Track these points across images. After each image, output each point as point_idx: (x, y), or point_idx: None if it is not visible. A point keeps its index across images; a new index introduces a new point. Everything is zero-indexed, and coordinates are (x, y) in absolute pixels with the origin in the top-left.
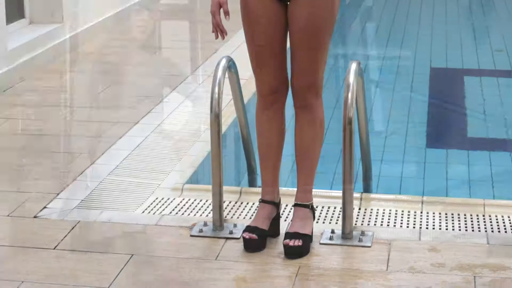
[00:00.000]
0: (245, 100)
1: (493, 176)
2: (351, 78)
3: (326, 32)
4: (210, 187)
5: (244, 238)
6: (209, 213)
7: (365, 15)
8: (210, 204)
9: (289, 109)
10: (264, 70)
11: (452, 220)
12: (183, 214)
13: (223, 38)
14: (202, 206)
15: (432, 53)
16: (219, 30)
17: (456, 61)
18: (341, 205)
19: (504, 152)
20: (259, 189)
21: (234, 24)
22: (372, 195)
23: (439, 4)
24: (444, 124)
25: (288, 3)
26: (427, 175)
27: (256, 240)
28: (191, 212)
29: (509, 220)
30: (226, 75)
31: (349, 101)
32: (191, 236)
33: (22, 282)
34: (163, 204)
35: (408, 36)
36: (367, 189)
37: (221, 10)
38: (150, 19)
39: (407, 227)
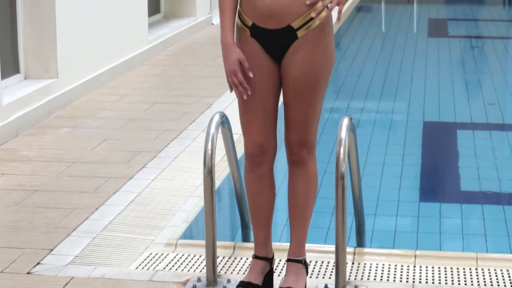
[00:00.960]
0: (238, 155)
1: (486, 230)
2: (343, 133)
3: (320, 89)
4: (204, 242)
5: None
6: (203, 268)
7: (359, 68)
8: (204, 259)
9: (283, 163)
10: (253, 129)
11: (445, 274)
12: (177, 269)
13: (247, 95)
14: (196, 262)
15: (425, 107)
16: (243, 88)
17: (449, 115)
18: (334, 260)
19: (497, 206)
20: (253, 244)
21: None
22: (366, 250)
23: (432, 58)
24: (437, 178)
25: (282, 60)
26: (420, 229)
27: None
28: (185, 267)
29: (502, 273)
30: (220, 131)
31: (341, 156)
32: None
33: None
34: (157, 260)
35: (401, 89)
36: (360, 243)
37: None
38: (144, 74)
39: (401, 281)
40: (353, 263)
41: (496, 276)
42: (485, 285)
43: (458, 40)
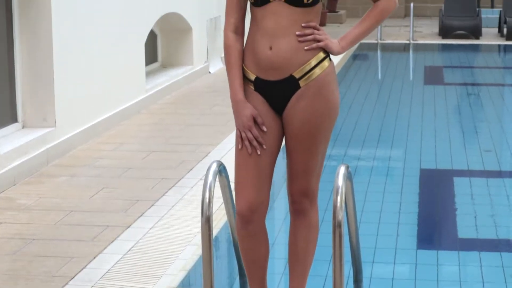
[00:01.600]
0: None
1: (484, 277)
2: (340, 181)
3: (322, 139)
4: None
5: None
6: None
7: (355, 116)
8: None
9: (282, 212)
10: (246, 185)
11: None
12: None
13: (265, 154)
14: None
15: (421, 154)
16: (258, 143)
17: (445, 162)
18: None
19: (495, 253)
20: None
21: (225, 127)
22: None
23: (428, 105)
24: (435, 225)
25: (283, 113)
26: (418, 277)
27: None
28: None
29: None
30: (217, 179)
31: (338, 204)
32: None
33: None
34: None
35: (397, 136)
36: None
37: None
38: (141, 123)
39: None
40: None
41: None
42: None
43: (454, 87)
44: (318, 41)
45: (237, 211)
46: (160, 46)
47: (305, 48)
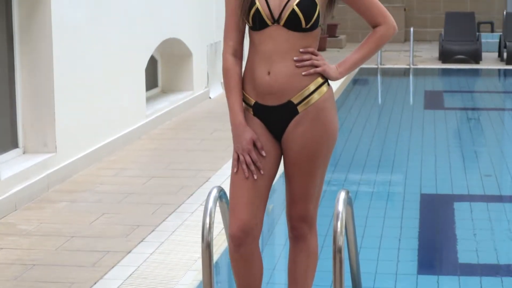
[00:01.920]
0: None
1: None
2: (340, 207)
3: (320, 164)
4: None
5: None
6: None
7: (356, 141)
8: None
9: (281, 237)
10: (241, 206)
11: None
12: None
13: (260, 176)
14: None
15: (422, 179)
16: (256, 168)
17: (445, 187)
18: None
19: (496, 278)
20: None
21: (226, 152)
22: None
23: (428, 130)
24: (435, 250)
25: (282, 138)
26: None
27: None
28: None
29: None
30: (217, 205)
31: (338, 230)
32: None
33: None
34: None
35: (398, 161)
36: None
37: None
38: (142, 148)
39: None
40: None
41: None
42: None
43: (454, 112)
44: (316, 66)
45: (229, 233)
46: (161, 72)
47: (303, 73)
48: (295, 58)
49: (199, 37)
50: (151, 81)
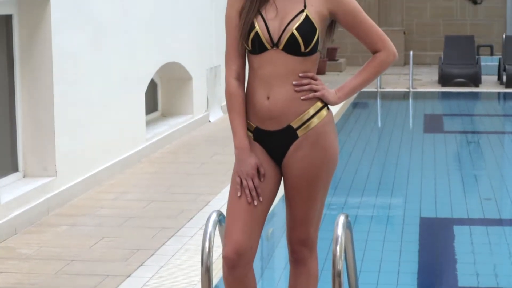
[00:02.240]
0: None
1: None
2: (339, 231)
3: (320, 188)
4: None
5: None
6: None
7: (355, 164)
8: None
9: (282, 261)
10: (237, 227)
11: None
12: None
13: (259, 201)
14: None
15: (421, 202)
16: (255, 194)
17: (445, 210)
18: None
19: None
20: None
21: (225, 176)
22: None
23: (428, 153)
24: (435, 274)
25: (282, 162)
26: None
27: None
28: None
29: None
30: (217, 229)
31: (338, 254)
32: None
33: None
34: None
35: (397, 185)
36: None
37: None
38: (142, 171)
39: None
40: None
41: None
42: None
43: (453, 135)
44: (315, 91)
45: (223, 255)
46: (160, 95)
47: (302, 98)
48: (294, 82)
49: (199, 61)
50: (151, 104)
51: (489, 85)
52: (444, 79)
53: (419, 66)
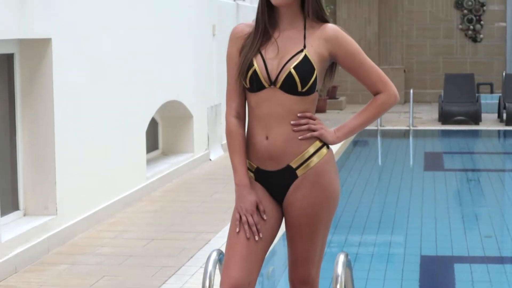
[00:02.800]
0: None
1: None
2: (339, 269)
3: (321, 227)
4: None
5: None
6: None
7: (356, 202)
8: None
9: None
10: (235, 263)
11: None
12: None
13: (258, 238)
14: None
15: (422, 241)
16: (255, 230)
17: (446, 248)
18: None
19: None
20: None
21: (226, 214)
22: None
23: (428, 191)
24: None
25: (283, 202)
26: None
27: None
28: None
29: None
30: (217, 268)
31: None
32: None
33: None
34: None
35: (398, 223)
36: None
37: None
38: (142, 210)
39: None
40: None
41: None
42: None
43: (454, 173)
44: (313, 130)
45: None
46: (161, 134)
47: (299, 137)
48: (292, 122)
49: (200, 100)
50: (152, 143)
51: (489, 123)
52: (444, 117)
53: (419, 104)
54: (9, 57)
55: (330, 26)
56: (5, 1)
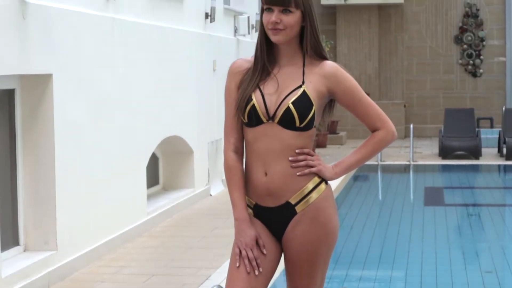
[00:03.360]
0: None
1: None
2: None
3: (320, 263)
4: None
5: None
6: None
7: (356, 237)
8: None
9: None
10: None
11: None
12: None
13: (258, 272)
14: None
15: (422, 276)
16: (255, 264)
17: (446, 284)
18: None
19: None
20: None
21: (226, 250)
22: None
23: (428, 226)
24: None
25: (282, 238)
26: None
27: None
28: None
29: None
30: None
31: None
32: None
33: None
34: None
35: (398, 258)
36: None
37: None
38: (143, 245)
39: None
40: None
41: None
42: None
43: (454, 208)
44: (311, 166)
45: None
46: (162, 169)
47: (298, 173)
48: (290, 158)
49: (200, 135)
50: (152, 178)
51: (490, 157)
52: (445, 152)
53: (420, 138)
54: (10, 93)
55: (329, 63)
56: (6, 36)
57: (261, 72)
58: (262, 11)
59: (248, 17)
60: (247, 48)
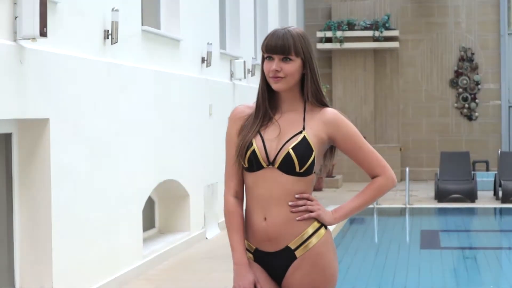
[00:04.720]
0: None
1: None
2: None
3: None
4: None
5: None
6: None
7: (352, 281)
8: None
9: None
10: None
11: None
12: None
13: None
14: None
15: None
16: None
17: None
18: None
19: None
20: None
21: (230, 281)
22: None
23: (425, 269)
24: None
25: (282, 283)
26: None
27: None
28: None
29: None
30: None
31: None
32: None
33: None
34: None
35: None
36: None
37: None
38: (143, 287)
39: None
40: None
41: None
42: None
43: (450, 251)
44: (311, 211)
45: None
46: (158, 212)
47: (297, 218)
48: (290, 203)
49: (196, 179)
50: (148, 221)
51: (485, 200)
52: (440, 195)
53: (416, 182)
54: (7, 137)
55: (330, 110)
56: (4, 81)
57: (262, 118)
58: (263, 59)
59: (244, 62)
60: (243, 92)
